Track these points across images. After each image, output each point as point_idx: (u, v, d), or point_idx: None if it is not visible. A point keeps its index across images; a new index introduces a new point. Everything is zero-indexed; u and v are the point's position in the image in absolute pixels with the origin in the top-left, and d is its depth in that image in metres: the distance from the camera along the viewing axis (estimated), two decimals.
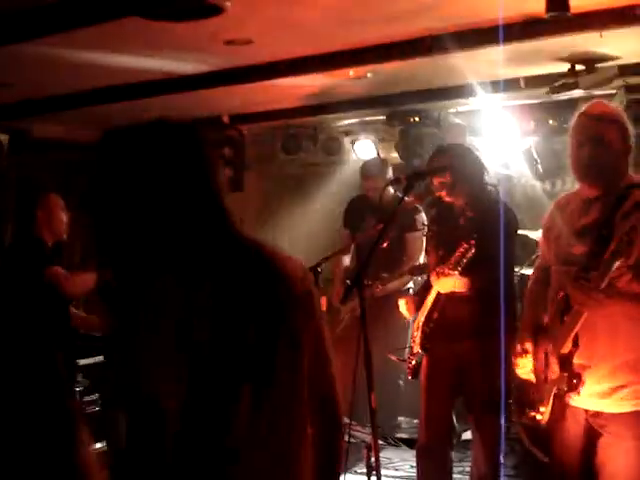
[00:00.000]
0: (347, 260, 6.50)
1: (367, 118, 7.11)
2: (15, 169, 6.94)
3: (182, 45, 4.62)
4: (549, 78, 5.50)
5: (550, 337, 3.22)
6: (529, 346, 3.33)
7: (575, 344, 3.09)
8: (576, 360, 3.11)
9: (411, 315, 4.60)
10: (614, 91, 5.78)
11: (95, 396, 5.77)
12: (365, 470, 4.40)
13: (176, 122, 1.94)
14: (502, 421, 3.97)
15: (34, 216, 4.89)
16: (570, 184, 7.17)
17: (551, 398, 3.20)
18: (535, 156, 6.65)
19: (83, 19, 3.93)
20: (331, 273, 6.49)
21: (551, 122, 6.44)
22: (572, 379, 3.10)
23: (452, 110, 6.70)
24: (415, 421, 6.83)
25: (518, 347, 3.38)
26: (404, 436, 5.51)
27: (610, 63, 5.25)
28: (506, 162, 6.74)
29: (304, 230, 7.06)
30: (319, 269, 4.93)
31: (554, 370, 3.18)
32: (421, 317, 4.41)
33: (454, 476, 4.59)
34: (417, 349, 4.45)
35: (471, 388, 4.29)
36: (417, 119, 6.55)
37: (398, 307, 4.70)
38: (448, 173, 4.18)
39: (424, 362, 4.44)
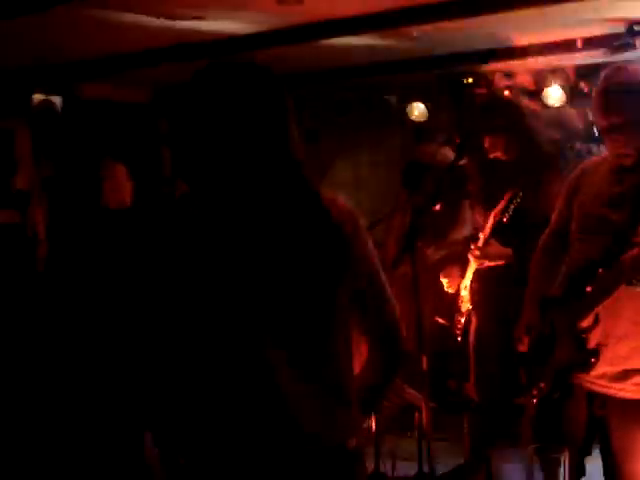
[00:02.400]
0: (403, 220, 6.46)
1: (419, 80, 7.02)
2: (67, 131, 6.99)
3: (233, 5, 4.59)
4: (607, 39, 5.38)
5: (564, 310, 3.02)
6: (535, 322, 3.17)
7: (596, 320, 2.89)
8: (592, 337, 2.91)
9: (454, 291, 4.57)
10: None
11: None
12: (416, 433, 4.43)
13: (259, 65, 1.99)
14: None
15: (100, 186, 4.94)
16: None
17: (553, 374, 3.02)
18: (590, 118, 6.53)
19: None
20: (383, 236, 6.46)
21: None
22: (589, 356, 2.90)
23: (506, 71, 6.58)
24: (465, 384, 6.83)
25: (523, 322, 3.23)
26: (454, 399, 5.49)
27: None
28: (561, 124, 6.63)
29: (356, 191, 7.02)
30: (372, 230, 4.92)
31: (565, 345, 2.99)
32: (469, 275, 4.40)
33: None
34: (466, 307, 4.44)
35: None
36: (470, 80, 6.45)
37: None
38: (502, 132, 4.13)
39: (473, 321, 4.43)
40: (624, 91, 2.90)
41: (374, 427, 4.90)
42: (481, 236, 4.27)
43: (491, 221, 4.17)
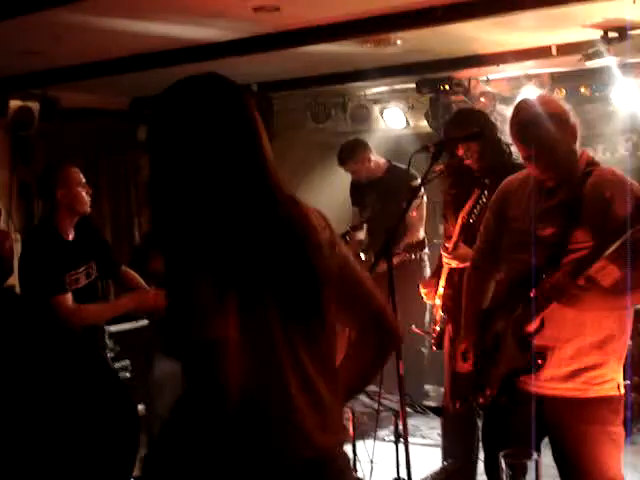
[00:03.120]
0: (360, 235, 6.55)
1: (396, 86, 7.07)
2: (45, 138, 6.98)
3: (210, 11, 4.60)
4: (581, 46, 5.44)
5: (505, 317, 3.12)
6: (471, 344, 3.25)
7: (542, 324, 2.97)
8: (538, 341, 3.00)
9: (433, 301, 4.60)
10: None
11: (126, 362, 5.80)
12: (393, 437, 4.43)
13: (225, 80, 1.98)
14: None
15: (54, 199, 4.45)
16: (601, 152, 7.17)
17: (500, 381, 3.10)
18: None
19: None
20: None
21: (583, 90, 6.38)
22: (536, 359, 2.98)
23: (483, 78, 6.64)
24: (442, 389, 6.87)
25: (461, 347, 3.30)
26: (432, 404, 5.53)
27: None
28: None
29: (332, 198, 7.05)
30: (347, 238, 4.97)
31: (510, 351, 3.07)
32: (442, 282, 4.42)
33: None
34: (440, 314, 4.47)
35: None
36: (447, 87, 6.50)
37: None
38: (476, 140, 4.15)
39: (448, 328, 4.46)
40: (533, 124, 3.03)
41: (351, 431, 4.92)
42: (451, 241, 4.30)
43: (459, 222, 4.21)
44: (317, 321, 1.99)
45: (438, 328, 4.46)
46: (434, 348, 4.57)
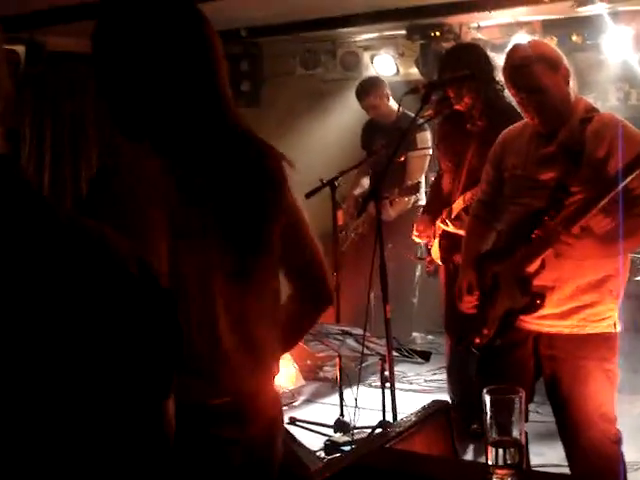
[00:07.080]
0: (366, 182, 6.53)
1: (387, 32, 6.99)
2: (31, 82, 6.91)
3: None
4: None
5: (506, 258, 3.16)
6: (474, 281, 3.29)
7: (542, 264, 3.05)
8: (538, 282, 3.07)
9: (428, 240, 4.61)
10: None
11: None
12: (379, 383, 4.46)
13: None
14: None
15: None
16: (592, 102, 7.10)
17: (498, 321, 3.16)
18: None
19: None
20: (348, 190, 6.51)
21: (574, 38, 6.32)
22: (536, 299, 3.06)
23: (474, 24, 6.57)
24: (429, 337, 6.92)
25: (463, 283, 3.33)
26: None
27: None
28: None
29: (321, 145, 7.01)
30: (336, 183, 4.94)
31: (509, 291, 3.13)
32: (437, 231, 4.43)
33: None
34: (433, 252, 4.51)
35: None
36: (438, 33, 6.43)
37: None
38: (467, 82, 4.10)
39: (442, 270, 4.54)
40: (524, 67, 3.09)
41: (338, 376, 4.96)
42: (452, 208, 4.28)
43: (461, 203, 4.18)
44: (257, 257, 1.92)
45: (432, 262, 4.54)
46: (428, 273, 4.67)
